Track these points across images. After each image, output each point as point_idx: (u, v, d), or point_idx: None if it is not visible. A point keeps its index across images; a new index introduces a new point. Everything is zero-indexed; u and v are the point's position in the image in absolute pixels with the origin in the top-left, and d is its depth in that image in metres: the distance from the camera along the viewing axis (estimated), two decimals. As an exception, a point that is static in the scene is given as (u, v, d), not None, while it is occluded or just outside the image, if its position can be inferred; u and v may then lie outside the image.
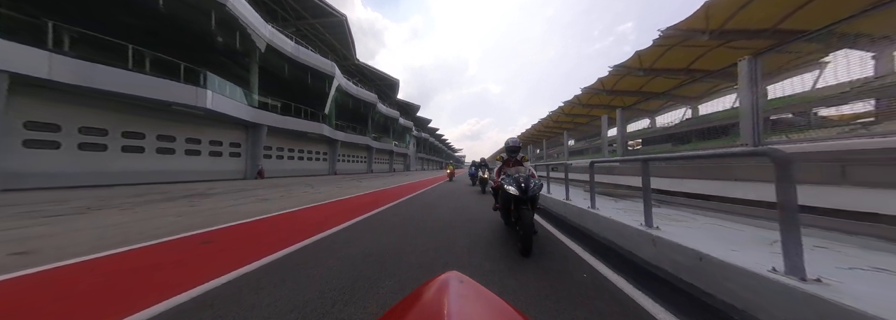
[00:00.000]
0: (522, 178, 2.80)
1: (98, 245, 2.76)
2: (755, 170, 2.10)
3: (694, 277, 1.77)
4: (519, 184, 2.73)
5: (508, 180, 2.84)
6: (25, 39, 7.85)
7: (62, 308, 1.56)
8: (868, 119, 2.16)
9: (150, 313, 1.50)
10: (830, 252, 1.67)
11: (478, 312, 0.44)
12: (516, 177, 2.81)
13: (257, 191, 9.04)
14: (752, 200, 2.12)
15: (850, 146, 1.82)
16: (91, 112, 10.23)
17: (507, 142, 3.55)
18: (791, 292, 1.23)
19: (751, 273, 1.41)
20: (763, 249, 1.82)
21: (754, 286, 1.39)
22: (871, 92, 2.26)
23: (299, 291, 1.81)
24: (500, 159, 3.70)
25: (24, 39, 7.81)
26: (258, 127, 16.43)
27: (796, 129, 2.27)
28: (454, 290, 0.48)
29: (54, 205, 5.50)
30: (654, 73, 15.34)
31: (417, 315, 0.43)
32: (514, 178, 2.82)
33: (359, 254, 2.57)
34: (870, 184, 1.75)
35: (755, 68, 2.31)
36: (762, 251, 1.77)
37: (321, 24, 22.34)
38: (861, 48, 3.32)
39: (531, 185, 2.74)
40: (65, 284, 1.88)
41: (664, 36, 12.81)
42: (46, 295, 1.71)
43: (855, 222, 1.78)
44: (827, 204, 1.87)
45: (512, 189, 2.71)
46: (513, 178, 2.84)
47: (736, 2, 10.06)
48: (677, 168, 3.54)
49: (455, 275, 0.54)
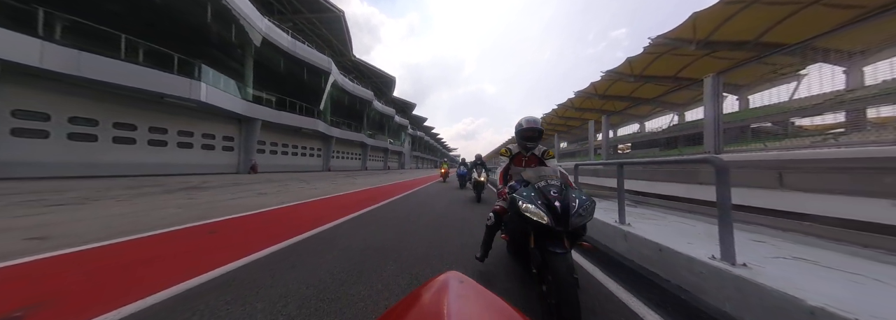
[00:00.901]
0: (554, 189, 1.51)
1: (109, 233, 2.90)
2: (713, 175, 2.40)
3: (656, 266, 2.06)
4: (549, 200, 1.45)
5: (526, 192, 1.55)
6: (17, 26, 7.72)
7: (105, 281, 1.74)
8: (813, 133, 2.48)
9: (178, 289, 1.70)
10: (765, 245, 1.98)
11: (478, 312, 0.44)
12: (542, 187, 1.54)
13: (252, 185, 9.11)
14: (711, 201, 2.41)
15: (784, 156, 2.15)
16: (82, 102, 10.09)
17: (520, 123, 2.13)
18: (722, 274, 1.51)
19: (696, 260, 1.70)
20: (712, 242, 2.11)
21: (698, 271, 1.68)
22: (820, 107, 2.59)
23: (311, 273, 2.02)
24: (506, 153, 2.28)
25: (15, 26, 7.67)
26: (252, 121, 16.34)
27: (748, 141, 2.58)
28: (454, 290, 0.48)
29: (49, 195, 5.52)
30: (643, 80, 15.90)
31: (417, 315, 0.43)
32: (540, 190, 1.53)
33: (360, 246, 2.78)
34: (801, 188, 2.07)
35: (718, 84, 2.62)
36: (711, 243, 2.06)
37: (318, 19, 22.21)
38: (833, 62, 3.70)
39: (574, 204, 1.43)
40: (98, 263, 2.05)
41: (654, 44, 13.33)
42: (88, 271, 1.89)
43: (790, 221, 2.10)
44: (768, 205, 2.19)
45: (535, 210, 1.42)
46: (536, 190, 1.54)
47: (722, 14, 10.59)
48: (652, 172, 3.87)
49: (455, 275, 0.54)
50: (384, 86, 38.20)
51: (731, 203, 1.56)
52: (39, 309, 1.43)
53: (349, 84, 27.36)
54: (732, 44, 12.05)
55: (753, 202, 2.26)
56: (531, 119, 2.15)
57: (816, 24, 9.76)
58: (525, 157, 2.25)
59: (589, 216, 1.45)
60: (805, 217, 1.99)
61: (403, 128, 49.78)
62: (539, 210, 1.40)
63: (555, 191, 1.48)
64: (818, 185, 2.01)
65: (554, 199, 1.43)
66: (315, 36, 24.43)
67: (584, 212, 1.42)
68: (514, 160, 2.29)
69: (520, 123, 2.17)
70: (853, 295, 1.24)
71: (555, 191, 1.49)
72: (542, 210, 1.40)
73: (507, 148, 2.33)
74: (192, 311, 1.47)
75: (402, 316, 0.43)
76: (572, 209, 1.40)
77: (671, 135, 7.14)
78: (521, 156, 2.26)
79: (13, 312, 1.40)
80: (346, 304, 1.59)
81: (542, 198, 1.47)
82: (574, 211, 1.39)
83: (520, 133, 2.15)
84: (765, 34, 11.20)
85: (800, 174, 2.05)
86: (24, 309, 1.43)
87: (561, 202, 1.42)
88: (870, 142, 2.62)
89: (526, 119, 2.16)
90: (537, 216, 1.39)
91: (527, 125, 2.11)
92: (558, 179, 1.61)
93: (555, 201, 1.42)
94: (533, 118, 2.18)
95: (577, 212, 1.40)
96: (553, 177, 1.62)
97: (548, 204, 1.43)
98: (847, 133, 3.75)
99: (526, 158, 2.24)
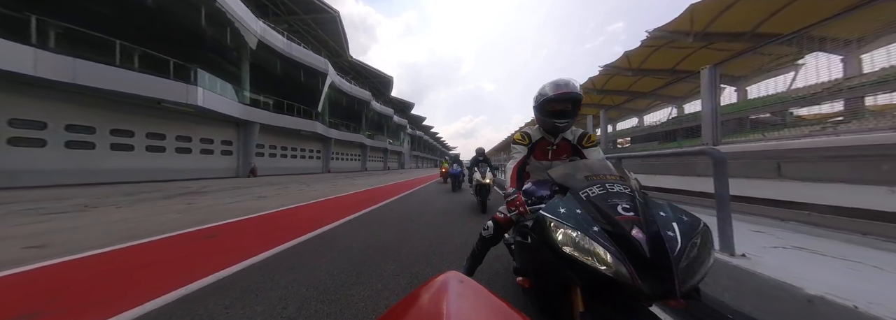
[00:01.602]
0: (621, 201, 0.80)
1: (109, 239, 2.90)
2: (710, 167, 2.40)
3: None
4: (616, 226, 0.73)
5: (565, 207, 0.83)
6: (8, 35, 7.68)
7: (104, 288, 1.74)
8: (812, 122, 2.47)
9: (177, 294, 1.69)
10: (764, 235, 1.98)
11: (477, 312, 0.44)
12: (593, 197, 0.84)
13: (252, 189, 9.11)
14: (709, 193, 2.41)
15: (783, 146, 2.14)
16: (78, 109, 10.07)
17: (544, 91, 1.38)
18: (722, 265, 1.51)
19: (695, 252, 1.69)
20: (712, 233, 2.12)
21: (697, 263, 1.67)
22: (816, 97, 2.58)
23: (311, 275, 2.02)
24: (523, 140, 1.50)
25: (7, 35, 7.64)
26: (250, 124, 16.31)
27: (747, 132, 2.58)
28: (454, 290, 0.48)
29: (48, 203, 5.52)
30: (641, 73, 15.84)
31: (417, 315, 0.43)
32: (591, 203, 0.83)
33: (360, 246, 2.78)
34: (800, 178, 2.06)
35: (715, 76, 2.61)
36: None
37: (313, 21, 22.11)
38: (830, 51, 3.68)
39: (672, 234, 0.70)
40: (97, 270, 2.04)
41: (652, 37, 13.25)
42: (87, 278, 1.88)
43: (789, 210, 2.10)
44: (767, 195, 2.18)
45: (593, 249, 0.70)
46: (584, 203, 0.84)
47: (719, 5, 10.51)
48: (652, 166, 3.86)
49: (455, 275, 0.53)
50: (382, 86, 38.11)
51: (730, 194, 1.55)
52: (37, 318, 1.42)
53: (346, 85, 27.29)
54: (730, 35, 11.99)
55: (752, 192, 2.25)
56: (562, 82, 1.30)
57: (813, 12, 9.70)
58: (552, 146, 1.45)
59: (707, 258, 0.69)
60: (804, 206, 1.99)
61: (402, 128, 49.75)
62: (601, 248, 0.68)
63: (624, 206, 0.77)
64: (817, 174, 2.00)
65: (628, 225, 0.71)
66: (311, 37, 24.34)
67: (697, 254, 0.67)
68: (536, 150, 1.50)
69: (543, 91, 1.34)
70: (852, 282, 1.24)
71: (624, 204, 0.77)
72: (606, 248, 0.68)
73: (524, 132, 1.51)
74: (191, 316, 1.47)
75: (402, 316, 0.43)
76: (672, 246, 0.66)
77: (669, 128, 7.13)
78: (546, 144, 1.47)
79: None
80: (346, 305, 1.59)
81: (601, 219, 0.76)
82: (679, 251, 0.65)
83: (543, 105, 1.35)
84: (762, 24, 11.14)
85: (798, 163, 2.04)
86: (21, 317, 1.43)
87: (645, 230, 0.70)
88: (867, 129, 2.60)
89: (553, 83, 1.32)
90: (603, 264, 0.67)
91: (555, 92, 1.28)
92: (623, 183, 0.88)
93: (631, 228, 0.70)
94: (565, 81, 1.31)
95: (685, 253, 0.65)
96: (610, 177, 0.90)
97: (614, 232, 0.72)
98: (845, 121, 3.74)
99: (553, 148, 1.45)
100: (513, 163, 1.43)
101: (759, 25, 11.11)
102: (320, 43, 25.39)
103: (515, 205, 1.16)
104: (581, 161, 1.16)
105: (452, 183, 8.04)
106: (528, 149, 1.49)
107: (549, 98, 1.33)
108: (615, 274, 0.65)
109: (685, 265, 0.65)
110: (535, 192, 1.32)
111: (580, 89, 1.32)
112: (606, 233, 0.72)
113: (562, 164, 1.19)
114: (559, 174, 1.06)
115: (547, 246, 0.79)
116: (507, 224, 1.42)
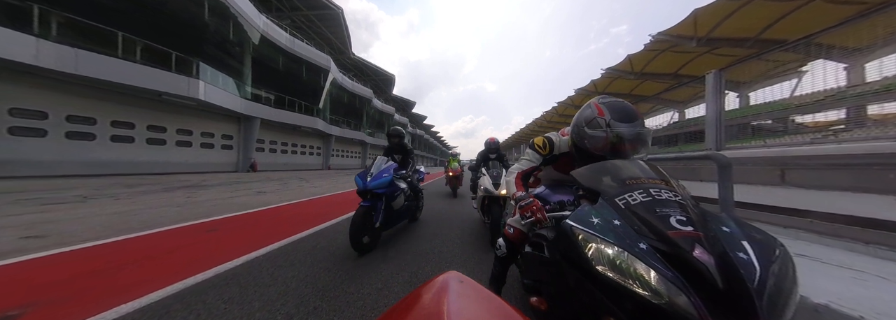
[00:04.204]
0: (675, 211, 0.66)
1: (108, 231, 2.88)
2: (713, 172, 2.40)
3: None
4: (672, 246, 0.60)
5: (598, 216, 0.70)
6: (10, 23, 7.64)
7: (103, 280, 1.73)
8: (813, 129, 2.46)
9: (176, 288, 1.68)
10: (768, 242, 1.97)
11: (477, 312, 0.44)
12: (634, 206, 0.70)
13: (252, 184, 9.09)
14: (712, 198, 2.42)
15: (787, 153, 2.13)
16: (79, 100, 10.03)
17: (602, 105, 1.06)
18: (725, 271, 1.50)
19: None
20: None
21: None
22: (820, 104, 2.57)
23: (311, 271, 2.01)
24: (543, 149, 1.30)
25: (9, 24, 7.60)
26: (251, 119, 16.28)
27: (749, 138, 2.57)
28: (454, 290, 0.48)
29: (47, 193, 5.49)
30: (644, 77, 15.82)
31: (417, 315, 0.43)
32: (631, 212, 0.70)
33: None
34: (804, 185, 2.05)
35: (720, 81, 2.60)
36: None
37: (316, 17, 22.05)
38: (835, 59, 3.67)
39: (747, 257, 0.58)
40: (95, 261, 2.03)
41: (655, 40, 13.23)
42: (86, 269, 1.87)
43: (792, 218, 2.09)
44: (770, 202, 2.17)
45: (645, 274, 0.55)
46: (623, 213, 0.70)
47: (722, 11, 10.50)
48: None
49: (455, 275, 0.53)
50: (383, 84, 38.07)
51: (734, 199, 1.55)
52: (35, 308, 1.41)
53: (348, 82, 27.26)
54: (733, 40, 11.98)
55: (753, 198, 2.24)
56: (631, 112, 1.02)
57: (818, 20, 9.69)
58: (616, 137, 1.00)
59: (792, 290, 0.57)
60: (807, 213, 1.98)
61: (403, 127, 49.74)
62: (652, 270, 0.56)
63: (679, 219, 0.64)
64: (820, 182, 1.99)
65: (686, 243, 0.59)
66: (314, 33, 24.28)
67: (778, 283, 0.56)
68: (559, 162, 1.31)
69: (602, 119, 1.02)
70: (856, 292, 1.23)
71: (678, 216, 0.65)
72: (660, 271, 0.56)
73: (548, 139, 1.28)
74: (190, 310, 1.46)
75: (402, 316, 0.43)
76: (750, 273, 0.55)
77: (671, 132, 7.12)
78: (573, 160, 1.22)
79: (8, 311, 1.38)
80: (346, 303, 1.58)
81: (649, 234, 0.63)
82: (760, 280, 0.54)
83: (595, 135, 1.03)
84: (766, 30, 11.13)
85: (802, 171, 2.03)
86: (19, 307, 1.41)
87: (710, 251, 0.58)
88: (871, 138, 2.60)
89: (622, 110, 1.02)
90: (651, 291, 0.54)
91: (626, 127, 0.98)
92: (671, 188, 0.74)
93: (691, 247, 0.58)
94: (633, 111, 1.02)
95: (766, 282, 0.54)
96: (653, 181, 0.76)
97: (668, 252, 0.59)
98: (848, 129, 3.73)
99: (613, 137, 1.01)
100: (519, 170, 1.28)
101: (763, 32, 11.11)
102: (323, 39, 25.33)
103: (531, 209, 0.98)
104: (611, 161, 0.91)
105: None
106: (545, 159, 1.28)
107: (615, 132, 0.97)
108: (670, 305, 0.51)
109: (768, 299, 0.51)
110: (551, 197, 1.11)
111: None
112: (657, 252, 0.59)
113: (599, 164, 0.92)
114: (586, 175, 0.89)
115: (572, 264, 0.66)
116: (520, 240, 1.19)
